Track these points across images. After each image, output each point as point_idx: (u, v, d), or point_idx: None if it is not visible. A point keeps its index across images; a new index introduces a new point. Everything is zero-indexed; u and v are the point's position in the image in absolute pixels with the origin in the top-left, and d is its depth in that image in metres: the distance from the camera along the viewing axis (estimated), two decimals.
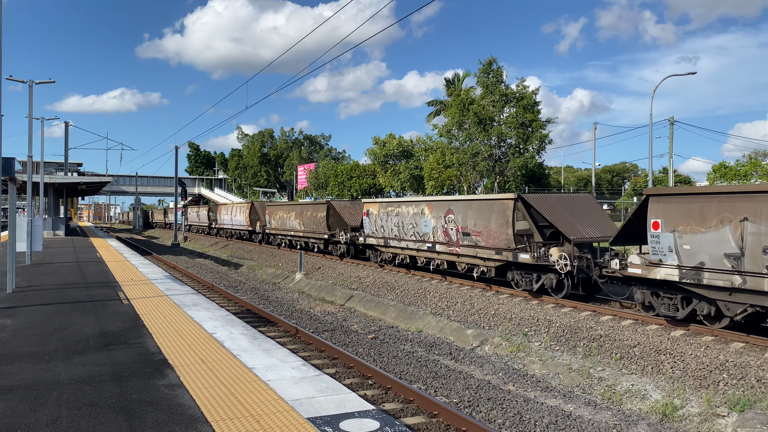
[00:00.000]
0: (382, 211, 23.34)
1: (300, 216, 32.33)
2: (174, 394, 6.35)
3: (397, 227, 22.40)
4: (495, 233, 17.09)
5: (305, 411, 5.88)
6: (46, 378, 6.90)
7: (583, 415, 9.90)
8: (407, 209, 21.74)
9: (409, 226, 21.53)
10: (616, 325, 13.10)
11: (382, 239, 23.48)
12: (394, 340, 15.13)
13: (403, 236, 22.03)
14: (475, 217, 17.92)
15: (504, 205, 16.84)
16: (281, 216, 35.62)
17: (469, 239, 18.20)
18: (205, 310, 11.73)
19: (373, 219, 24.04)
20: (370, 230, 24.36)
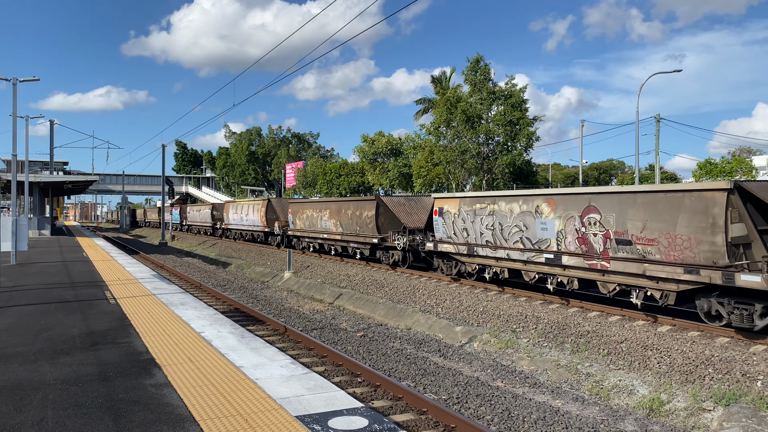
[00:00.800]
0: (466, 209, 17.70)
1: (336, 215, 26.77)
2: (161, 393, 6.32)
3: (490, 230, 16.68)
4: (686, 241, 11.55)
5: (294, 409, 5.87)
6: (31, 378, 6.83)
7: (571, 411, 9.96)
8: (509, 206, 16.02)
9: (513, 229, 15.82)
10: (603, 321, 13.18)
11: (464, 246, 17.74)
12: (383, 337, 15.14)
13: (500, 243, 16.34)
14: (644, 218, 12.26)
15: (707, 199, 11.15)
16: (310, 215, 29.78)
17: (630, 249, 12.65)
18: (193, 309, 11.68)
19: (450, 220, 18.42)
20: (445, 234, 18.68)
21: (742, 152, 62.29)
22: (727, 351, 10.57)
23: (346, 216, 25.76)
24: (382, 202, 23.67)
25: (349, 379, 10.81)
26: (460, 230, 18.13)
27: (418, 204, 24.03)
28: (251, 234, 40.51)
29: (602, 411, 10.05)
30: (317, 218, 28.95)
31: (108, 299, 12.64)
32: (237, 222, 42.70)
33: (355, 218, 24.91)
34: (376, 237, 23.30)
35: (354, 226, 25.12)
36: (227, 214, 45.12)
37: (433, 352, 13.68)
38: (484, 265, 17.48)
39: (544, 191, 15.72)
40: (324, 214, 28.09)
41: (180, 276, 26.90)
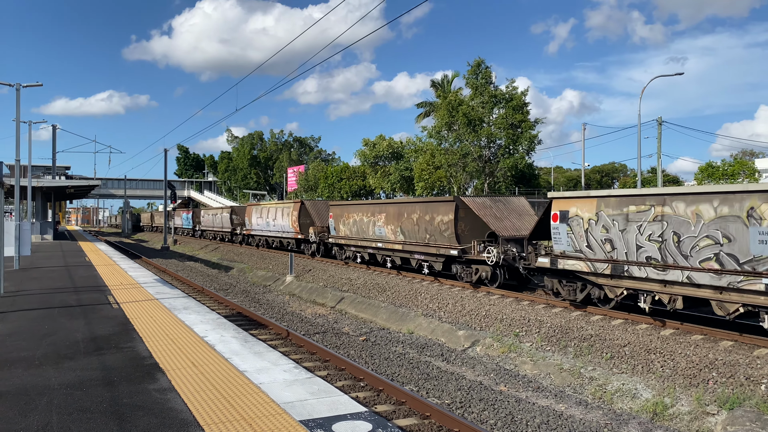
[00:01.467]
0: (611, 213, 13.25)
1: (396, 220, 22.32)
2: (165, 398, 6.32)
3: (655, 243, 12.32)
4: None
5: (297, 414, 5.87)
6: (36, 383, 6.84)
7: (574, 415, 9.95)
8: (694, 209, 11.63)
9: (702, 242, 11.41)
10: (606, 325, 13.17)
11: (605, 263, 13.38)
12: (386, 341, 15.13)
13: (674, 260, 11.95)
14: None
15: None
16: (358, 220, 25.10)
17: None
18: (196, 313, 11.69)
19: (580, 227, 14.02)
20: (571, 246, 14.33)
21: (744, 155, 62.27)
22: (730, 354, 10.56)
23: (410, 221, 21.25)
24: (463, 203, 19.10)
25: (352, 384, 10.80)
26: (598, 241, 13.55)
27: (508, 206, 19.49)
28: (279, 241, 35.83)
29: (605, 415, 10.03)
30: (368, 223, 24.19)
31: (111, 304, 12.66)
32: (262, 227, 38.28)
33: (424, 224, 20.46)
34: (455, 247, 18.73)
35: (421, 233, 20.64)
36: (249, 218, 40.70)
37: (436, 357, 13.67)
38: (638, 290, 12.95)
39: (760, 186, 10.87)
40: (378, 218, 23.46)
41: (182, 280, 26.92)
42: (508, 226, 18.22)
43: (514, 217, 18.93)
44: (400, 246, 22.01)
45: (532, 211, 19.33)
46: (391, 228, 22.60)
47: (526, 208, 19.52)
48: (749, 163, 49.24)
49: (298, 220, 32.11)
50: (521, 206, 19.24)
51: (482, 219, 18.42)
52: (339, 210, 27.11)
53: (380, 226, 23.40)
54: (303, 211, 32.00)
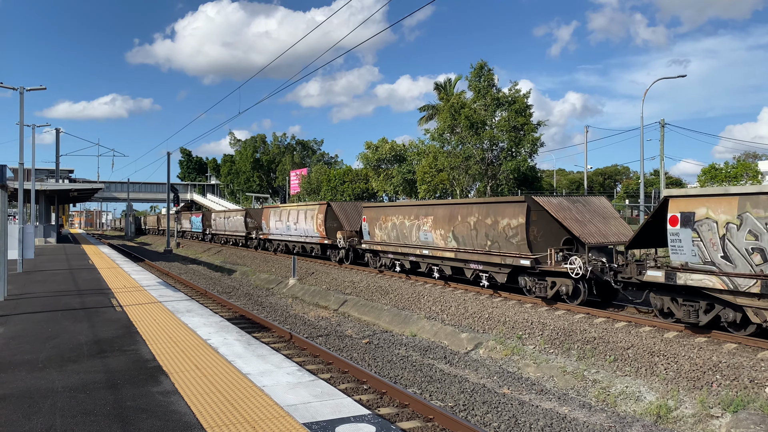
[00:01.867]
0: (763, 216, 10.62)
1: (447, 223, 19.29)
2: (169, 401, 6.33)
3: None
4: None
5: (301, 416, 5.87)
6: (39, 386, 6.86)
7: (577, 418, 9.93)
8: None
9: None
10: (609, 328, 13.14)
11: (755, 279, 10.69)
12: (389, 344, 15.12)
13: None
14: None
15: None
16: (398, 223, 22.30)
17: None
18: (199, 316, 11.70)
19: (713, 233, 11.33)
20: (698, 256, 11.59)
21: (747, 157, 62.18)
22: (734, 357, 10.53)
23: (466, 225, 18.30)
24: (536, 204, 16.20)
25: (356, 386, 10.80)
26: (742, 251, 10.83)
27: (588, 207, 16.58)
28: (302, 246, 33.22)
29: (609, 418, 10.01)
30: (411, 227, 21.33)
31: (114, 307, 12.68)
32: (282, 232, 35.11)
33: (484, 228, 17.47)
34: (526, 257, 15.95)
35: (480, 239, 17.67)
36: (267, 221, 37.60)
37: (439, 359, 13.66)
38: None
39: None
40: (424, 221, 20.50)
41: (185, 283, 26.96)
42: (594, 232, 15.31)
43: (598, 220, 15.99)
44: (452, 254, 18.96)
45: (616, 213, 16.79)
46: (441, 233, 19.55)
47: (610, 209, 16.84)
48: (752, 166, 49.17)
49: (324, 223, 29.22)
50: (604, 207, 16.55)
51: (561, 223, 15.63)
52: (374, 212, 24.22)
53: (426, 231, 20.37)
54: (330, 213, 29.13)
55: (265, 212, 38.34)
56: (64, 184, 45.36)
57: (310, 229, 30.79)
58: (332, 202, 29.87)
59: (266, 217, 37.86)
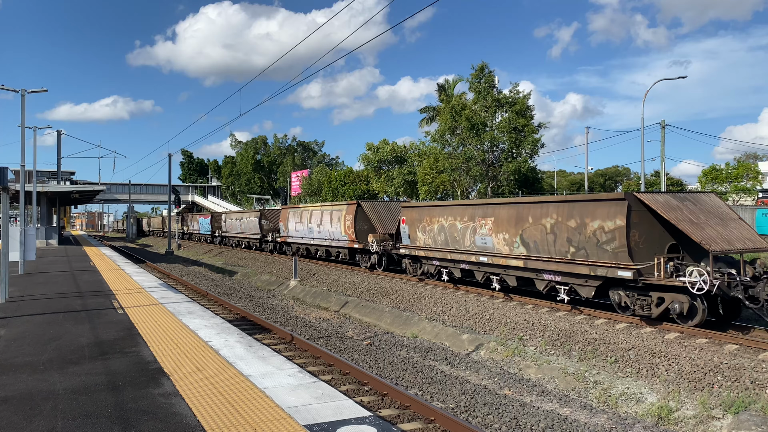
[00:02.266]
0: None
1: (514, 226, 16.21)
2: (170, 402, 6.34)
3: None
4: None
5: (302, 418, 5.88)
6: (41, 388, 6.87)
7: (579, 419, 9.92)
8: None
9: None
10: (610, 329, 13.14)
11: None
12: (390, 345, 15.13)
13: None
14: None
15: None
16: (447, 225, 19.27)
17: None
18: (200, 318, 11.71)
19: None
20: None
21: (748, 158, 62.14)
22: (735, 358, 10.52)
23: (539, 228, 15.35)
24: (639, 203, 13.34)
25: (357, 388, 10.81)
26: None
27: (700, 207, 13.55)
28: (326, 250, 30.10)
29: (610, 419, 10.00)
30: (465, 230, 18.35)
31: (116, 308, 12.69)
32: (303, 234, 32.24)
33: (566, 232, 14.52)
34: (626, 267, 13.04)
35: (560, 245, 14.65)
36: (285, 223, 34.63)
37: (440, 361, 13.66)
38: None
39: None
40: (482, 223, 17.48)
41: (187, 285, 26.97)
42: (715, 237, 12.42)
43: (715, 222, 13.06)
44: (519, 261, 16.02)
45: (735, 214, 13.74)
46: (504, 237, 16.59)
47: (725, 209, 13.84)
48: (753, 166, 49.12)
49: (353, 225, 26.20)
50: (718, 207, 13.73)
51: (674, 225, 12.69)
52: (416, 213, 21.40)
53: (485, 235, 17.38)
54: (360, 214, 26.22)
55: (284, 213, 35.48)
56: (65, 186, 45.41)
57: (337, 232, 27.75)
58: (363, 202, 26.83)
59: (284, 218, 34.92)
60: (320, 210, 30.16)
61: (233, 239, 48.01)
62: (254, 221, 41.30)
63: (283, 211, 35.81)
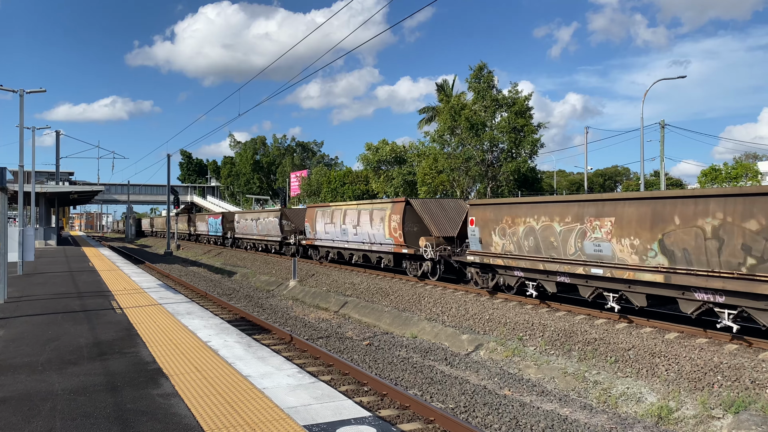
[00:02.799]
0: None
1: (648, 229, 12.77)
2: (169, 403, 6.32)
3: None
4: None
5: (301, 419, 5.86)
6: (39, 389, 6.84)
7: (578, 419, 9.91)
8: None
9: None
10: (610, 329, 13.13)
11: None
12: (389, 346, 15.11)
13: None
14: None
15: None
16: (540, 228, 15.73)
17: None
18: (200, 318, 11.69)
19: None
20: None
21: (747, 158, 62.17)
22: (735, 358, 10.51)
23: (694, 232, 11.82)
24: None
25: (356, 388, 10.79)
26: None
27: None
28: (363, 255, 26.32)
29: (610, 419, 9.99)
30: (568, 234, 14.83)
31: (114, 309, 12.67)
32: (336, 237, 28.41)
33: (741, 236, 10.94)
34: None
35: (728, 254, 11.08)
36: (312, 224, 31.00)
37: (440, 361, 13.64)
38: None
39: None
40: (594, 225, 14.06)
41: (186, 285, 26.95)
42: None
43: None
44: (659, 276, 12.40)
45: None
46: (631, 243, 13.12)
47: None
48: (752, 166, 49.16)
49: (401, 226, 22.45)
50: None
51: None
52: (491, 212, 17.66)
53: (599, 240, 13.91)
54: (409, 214, 22.55)
55: (310, 212, 31.60)
56: (64, 186, 45.38)
57: (380, 234, 23.96)
58: (413, 199, 23.25)
59: (311, 218, 31.08)
60: (357, 209, 26.18)
61: (248, 241, 43.62)
62: (274, 222, 37.05)
63: (309, 211, 31.86)
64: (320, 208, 30.51)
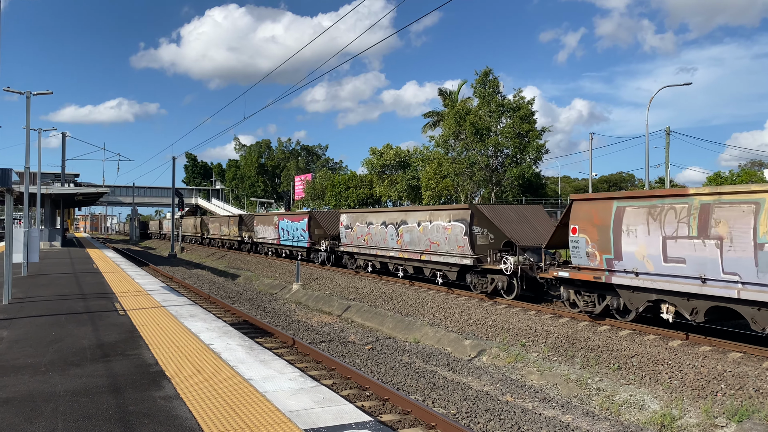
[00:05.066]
0: None
1: None
2: (171, 406, 6.32)
3: None
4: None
5: (303, 423, 5.86)
6: (42, 390, 6.86)
7: (581, 426, 9.87)
8: None
9: None
10: (613, 335, 13.09)
11: None
12: (392, 350, 15.09)
13: None
14: None
15: None
16: None
17: None
18: (202, 321, 11.70)
19: None
20: None
21: (753, 165, 61.99)
22: (739, 366, 10.47)
23: None
24: None
25: (358, 393, 10.77)
26: None
27: None
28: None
29: (613, 426, 9.95)
30: None
31: (118, 311, 12.69)
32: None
33: None
34: None
35: None
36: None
37: (442, 366, 13.62)
38: None
39: None
40: None
41: (189, 288, 26.98)
42: None
43: None
44: None
45: None
46: None
47: None
48: (757, 174, 48.99)
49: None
50: None
51: None
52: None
53: None
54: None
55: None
56: (69, 188, 45.55)
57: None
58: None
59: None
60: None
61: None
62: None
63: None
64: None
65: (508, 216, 19.16)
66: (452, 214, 19.84)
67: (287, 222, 35.61)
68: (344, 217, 27.75)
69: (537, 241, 17.66)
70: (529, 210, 19.98)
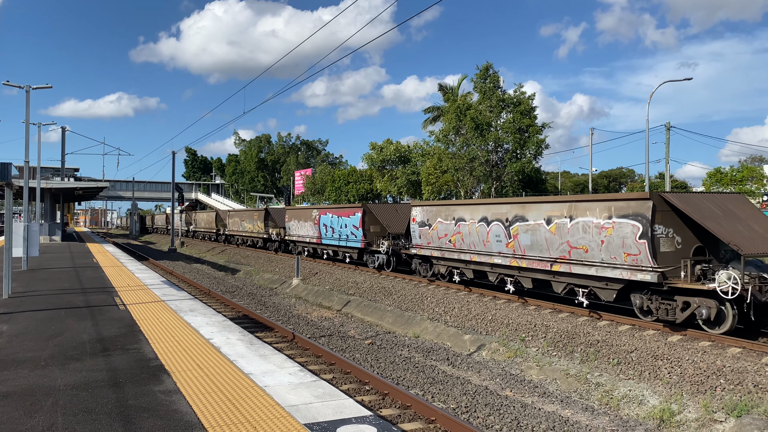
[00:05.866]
0: None
1: None
2: (171, 400, 6.33)
3: None
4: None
5: (302, 417, 5.86)
6: (42, 384, 6.87)
7: (580, 421, 9.89)
8: None
9: None
10: (613, 331, 13.10)
11: None
12: (392, 345, 15.11)
13: None
14: None
15: None
16: None
17: None
18: (202, 315, 11.71)
19: None
20: None
21: (753, 161, 61.92)
22: (738, 361, 10.48)
23: None
24: None
25: (358, 387, 10.79)
26: None
27: None
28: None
29: (612, 421, 9.97)
30: None
31: (118, 305, 12.70)
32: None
33: None
34: None
35: None
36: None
37: (442, 361, 13.63)
38: None
39: None
40: None
41: (189, 282, 27.00)
42: None
43: None
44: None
45: None
46: None
47: None
48: (757, 169, 48.94)
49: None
50: None
51: None
52: None
53: None
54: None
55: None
56: (69, 182, 45.47)
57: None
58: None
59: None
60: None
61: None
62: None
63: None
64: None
65: (708, 209, 12.70)
66: (615, 207, 13.49)
67: (331, 217, 29.45)
68: (418, 212, 21.50)
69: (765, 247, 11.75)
70: (731, 201, 13.52)
